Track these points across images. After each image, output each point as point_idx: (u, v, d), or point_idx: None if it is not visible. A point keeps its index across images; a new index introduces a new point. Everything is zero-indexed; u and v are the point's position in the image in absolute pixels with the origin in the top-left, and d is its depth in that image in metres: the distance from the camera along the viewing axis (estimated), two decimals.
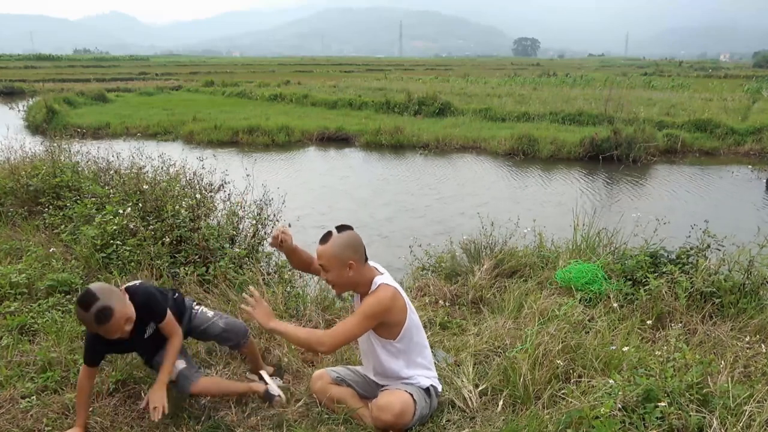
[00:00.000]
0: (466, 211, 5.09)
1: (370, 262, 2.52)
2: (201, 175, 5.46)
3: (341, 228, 2.42)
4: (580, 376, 2.79)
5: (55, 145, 6.77)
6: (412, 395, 2.47)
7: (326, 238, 2.39)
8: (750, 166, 12.02)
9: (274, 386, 2.82)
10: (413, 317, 2.55)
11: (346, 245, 2.37)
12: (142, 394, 2.80)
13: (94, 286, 2.35)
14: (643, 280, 3.83)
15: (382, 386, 2.61)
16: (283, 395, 2.79)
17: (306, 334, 2.39)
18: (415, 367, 2.58)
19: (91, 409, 2.65)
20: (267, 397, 2.76)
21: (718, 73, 44.71)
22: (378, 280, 2.45)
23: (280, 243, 2.60)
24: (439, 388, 2.65)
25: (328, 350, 2.41)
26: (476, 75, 38.68)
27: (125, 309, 2.37)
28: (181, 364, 2.66)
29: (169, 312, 2.61)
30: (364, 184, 10.34)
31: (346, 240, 2.38)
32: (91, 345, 2.50)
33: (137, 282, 2.63)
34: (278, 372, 3.06)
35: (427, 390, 2.56)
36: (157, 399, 2.47)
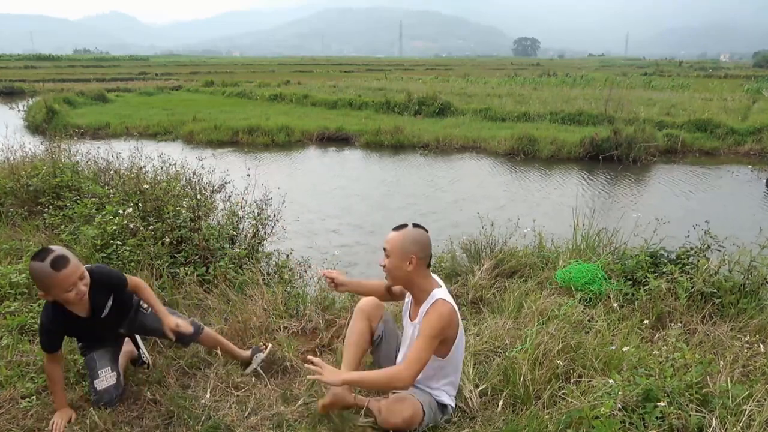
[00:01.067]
0: (485, 214, 5.06)
1: (432, 275, 2.53)
2: (201, 175, 5.46)
3: (417, 225, 2.48)
4: (580, 376, 2.79)
5: (55, 145, 6.77)
6: (422, 405, 2.44)
7: (400, 227, 2.46)
8: (750, 166, 12.03)
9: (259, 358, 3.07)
10: (462, 336, 2.53)
11: (415, 240, 2.41)
12: (144, 394, 2.80)
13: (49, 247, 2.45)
14: (643, 280, 3.83)
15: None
16: (265, 352, 3.07)
17: (383, 376, 2.35)
18: (445, 383, 2.56)
19: (91, 408, 2.65)
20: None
21: (718, 73, 44.74)
22: (437, 293, 2.44)
23: (335, 285, 2.71)
24: (453, 406, 2.62)
25: (409, 382, 2.33)
26: (476, 75, 38.69)
27: (79, 265, 2.43)
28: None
29: (128, 276, 2.71)
30: (377, 186, 10.20)
31: (416, 235, 2.43)
32: (47, 328, 2.52)
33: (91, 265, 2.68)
34: (255, 351, 3.11)
35: (443, 406, 2.56)
36: (176, 320, 2.71)
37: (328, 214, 8.22)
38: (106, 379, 2.69)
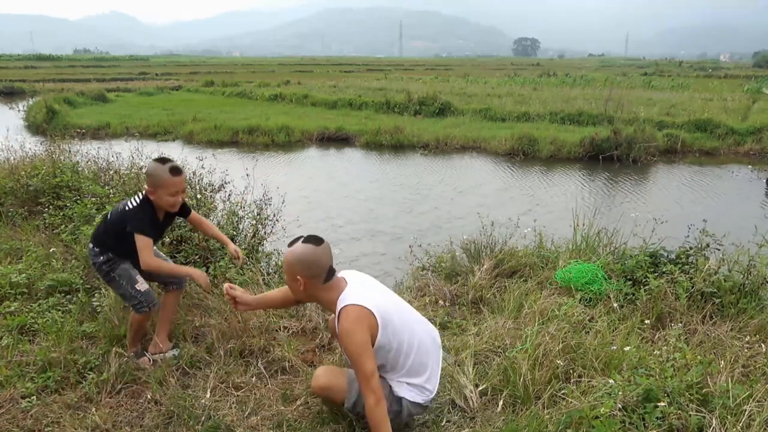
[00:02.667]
0: (512, 219, 4.95)
1: (344, 272, 2.38)
2: (201, 175, 5.46)
3: (308, 239, 2.25)
4: (580, 376, 2.79)
5: (55, 145, 6.76)
6: (350, 385, 2.33)
7: (291, 243, 2.29)
8: (750, 166, 12.02)
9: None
10: (390, 336, 2.27)
11: (298, 260, 2.22)
12: (144, 394, 2.80)
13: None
14: (643, 280, 3.83)
15: None
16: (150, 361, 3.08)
17: (370, 421, 2.19)
18: (398, 377, 2.40)
19: (93, 409, 2.65)
20: (138, 354, 3.08)
21: (718, 73, 44.75)
22: (341, 301, 2.22)
23: (236, 305, 2.61)
24: (422, 401, 2.43)
25: (378, 400, 2.16)
26: (476, 75, 38.68)
27: (185, 182, 3.05)
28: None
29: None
30: (395, 188, 9.93)
31: (300, 254, 2.22)
32: (148, 214, 2.92)
33: None
34: (175, 346, 3.25)
35: (398, 399, 2.38)
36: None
37: (349, 219, 7.89)
38: (143, 283, 3.00)
